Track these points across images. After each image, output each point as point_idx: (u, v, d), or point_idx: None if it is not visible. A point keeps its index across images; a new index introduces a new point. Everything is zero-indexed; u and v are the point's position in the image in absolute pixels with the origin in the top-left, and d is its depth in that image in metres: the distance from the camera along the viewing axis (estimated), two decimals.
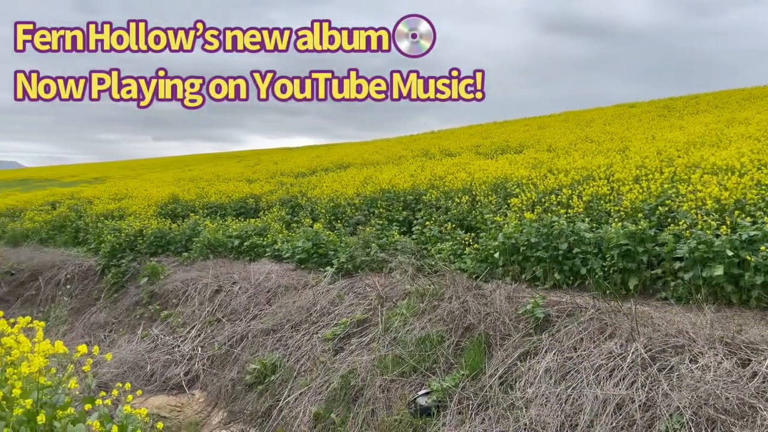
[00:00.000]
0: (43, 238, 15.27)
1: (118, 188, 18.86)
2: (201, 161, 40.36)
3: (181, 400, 7.66)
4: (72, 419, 3.11)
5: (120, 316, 10.50)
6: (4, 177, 48.80)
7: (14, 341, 3.39)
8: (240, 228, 10.87)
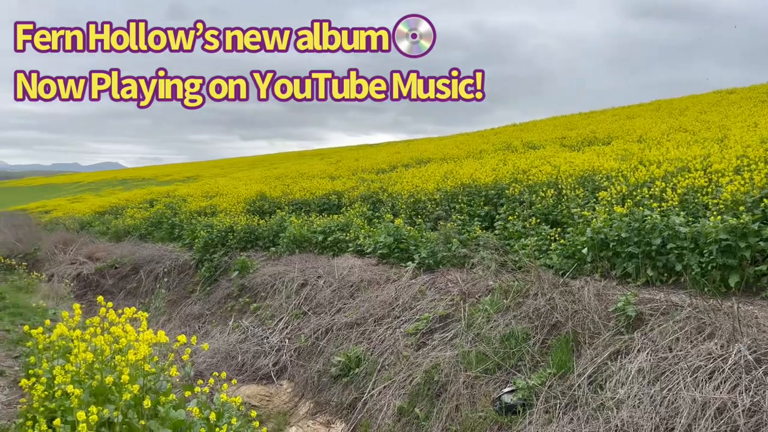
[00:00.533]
0: (143, 234, 16.27)
1: (209, 186, 19.78)
2: (286, 159, 41.58)
3: (270, 389, 7.95)
4: (173, 405, 3.30)
5: (213, 308, 11.02)
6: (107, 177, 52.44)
7: (122, 330, 3.65)
8: (323, 224, 11.12)
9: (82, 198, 32.74)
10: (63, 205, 29.56)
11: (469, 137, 23.82)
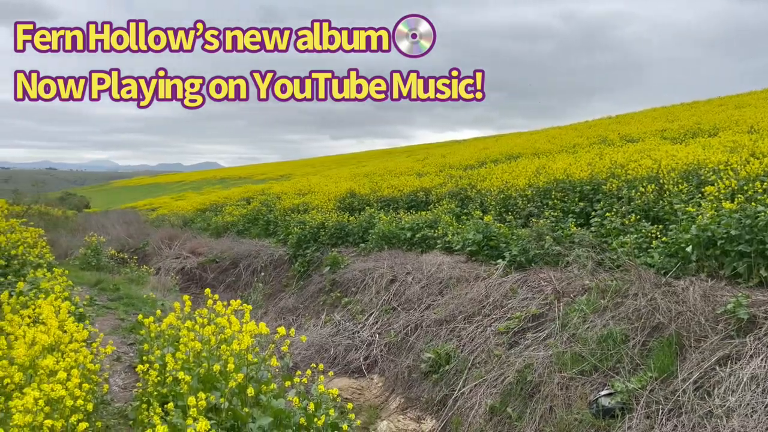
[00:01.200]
0: (240, 230, 17.04)
1: (302, 184, 20.40)
2: (373, 157, 42.11)
3: (361, 383, 8.10)
4: (274, 394, 3.45)
5: (306, 301, 11.37)
6: (207, 176, 55.37)
7: (227, 322, 3.86)
8: (412, 220, 11.17)
9: (184, 196, 34.77)
10: (168, 202, 31.53)
11: (561, 131, 23.09)
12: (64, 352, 3.77)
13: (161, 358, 4.57)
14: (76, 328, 4.17)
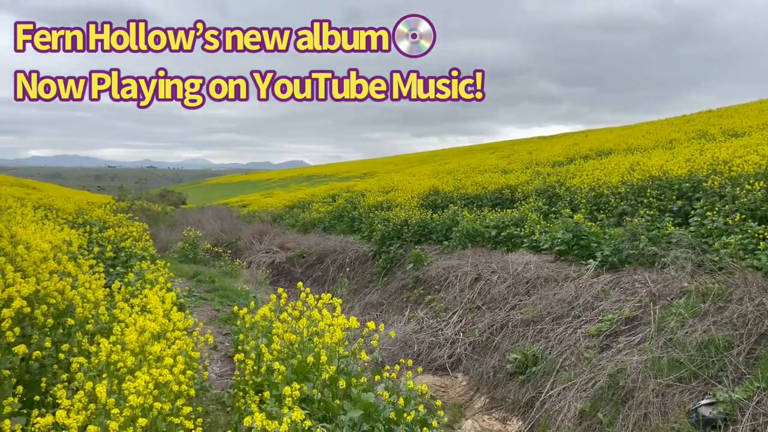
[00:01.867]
0: (326, 227, 17.44)
1: (385, 182, 20.60)
2: (456, 154, 41.82)
3: (445, 381, 8.09)
4: (363, 388, 3.52)
5: (389, 298, 11.48)
6: (294, 174, 57.08)
7: (318, 315, 3.98)
8: (497, 218, 11.01)
9: (273, 193, 36.01)
10: (258, 199, 32.76)
11: (656, 125, 21.95)
12: (170, 339, 4.03)
13: (256, 348, 4.78)
14: (180, 317, 4.45)
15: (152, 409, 3.11)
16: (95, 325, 4.42)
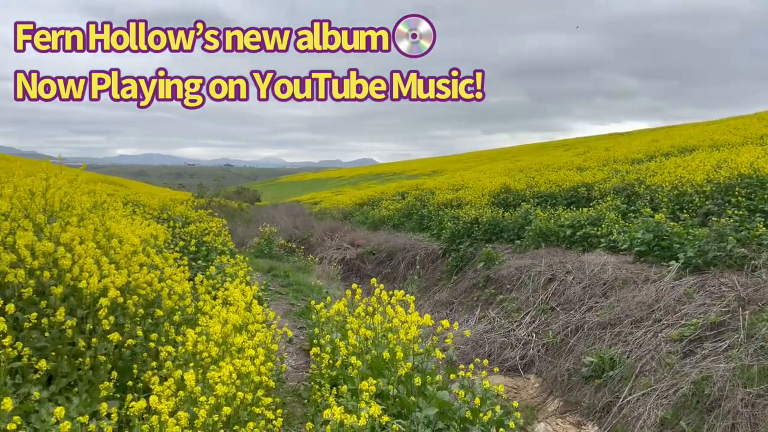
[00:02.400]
0: (396, 224, 17.53)
1: (455, 180, 20.47)
2: (527, 152, 40.99)
3: (517, 382, 7.97)
4: (438, 386, 3.53)
5: (459, 296, 11.40)
6: (363, 172, 57.67)
7: (393, 311, 4.02)
8: (572, 217, 10.72)
9: (343, 191, 36.53)
10: (328, 197, 33.34)
11: (744, 121, 20.70)
12: (251, 331, 4.18)
13: (331, 343, 4.88)
14: (260, 311, 4.61)
15: (235, 398, 3.24)
16: (181, 315, 4.64)
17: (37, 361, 3.45)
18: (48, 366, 3.35)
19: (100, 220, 4.79)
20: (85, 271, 3.98)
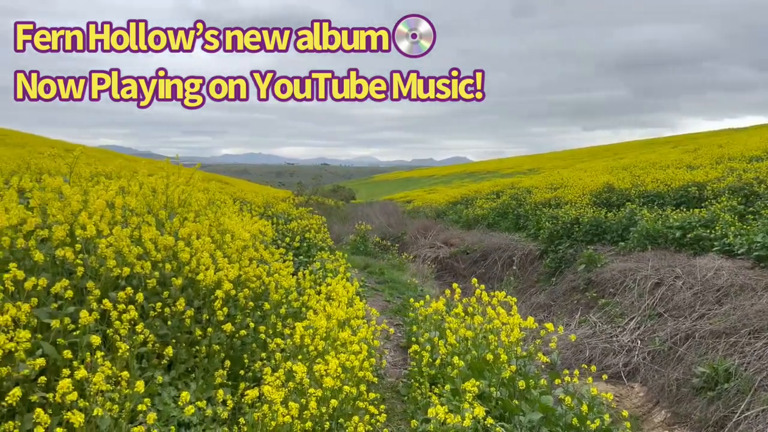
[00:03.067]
0: (490, 223, 17.28)
1: (553, 178, 19.87)
2: (630, 149, 39.04)
3: (620, 390, 7.63)
4: (542, 390, 3.45)
5: (557, 299, 11.07)
6: (456, 170, 57.31)
7: (494, 312, 3.98)
8: (681, 218, 10.12)
9: (436, 189, 36.50)
10: (421, 195, 33.42)
11: None
12: (353, 327, 4.29)
13: (429, 341, 4.90)
14: (362, 307, 4.72)
15: (341, 391, 3.34)
16: (286, 309, 4.85)
17: (160, 348, 3.73)
18: (166, 353, 3.60)
19: (214, 216, 5.09)
20: (202, 264, 4.25)
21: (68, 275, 3.74)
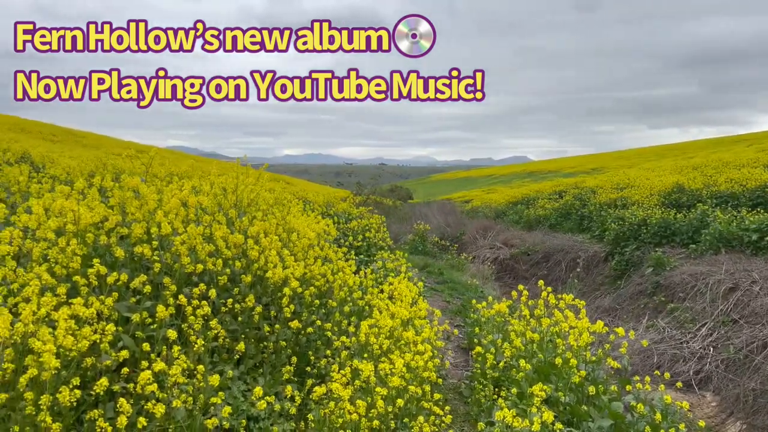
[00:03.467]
0: (552, 224, 16.92)
1: (619, 178, 19.26)
2: (700, 147, 37.39)
3: (691, 399, 7.32)
4: (613, 397, 3.35)
5: (623, 303, 10.73)
6: (516, 170, 56.40)
7: (562, 315, 3.90)
8: (758, 220, 9.64)
9: (494, 189, 36.04)
10: (479, 195, 33.09)
11: None
12: (417, 327, 4.30)
13: (493, 343, 4.85)
14: (425, 307, 4.72)
15: (407, 391, 3.35)
16: (351, 307, 4.90)
17: (229, 343, 3.84)
18: (238, 348, 3.71)
19: (281, 215, 5.21)
20: (270, 262, 4.35)
21: (145, 271, 3.91)
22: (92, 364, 2.98)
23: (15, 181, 5.71)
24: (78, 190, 4.42)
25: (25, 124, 25.18)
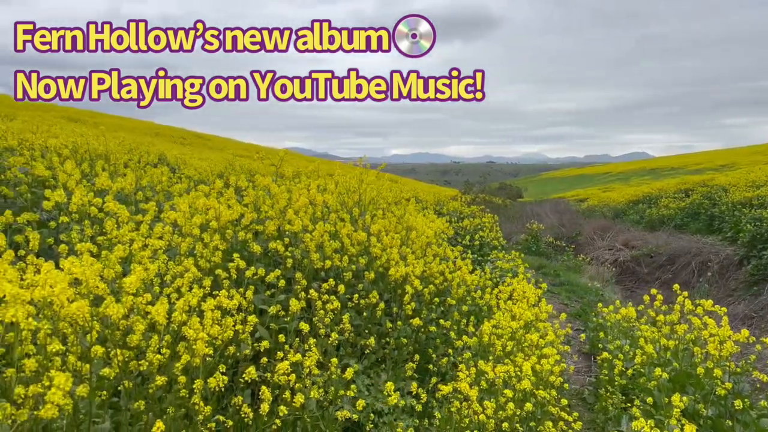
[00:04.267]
0: (677, 224, 15.85)
1: (754, 175, 17.68)
2: None
3: None
4: (761, 413, 3.09)
5: (761, 311, 9.86)
6: (634, 167, 53.31)
7: (700, 321, 3.65)
8: None
9: (612, 187, 34.31)
10: (595, 193, 31.64)
11: None
12: (540, 330, 4.21)
13: (620, 349, 4.64)
14: (549, 309, 4.61)
15: (534, 395, 3.30)
16: (469, 306, 4.89)
17: (353, 338, 3.97)
18: (367, 343, 3.82)
19: (399, 213, 5.30)
20: (392, 260, 4.45)
21: (276, 266, 4.14)
22: (233, 353, 3.20)
23: (158, 180, 6.26)
24: (217, 190, 4.76)
25: (158, 129, 27.43)
